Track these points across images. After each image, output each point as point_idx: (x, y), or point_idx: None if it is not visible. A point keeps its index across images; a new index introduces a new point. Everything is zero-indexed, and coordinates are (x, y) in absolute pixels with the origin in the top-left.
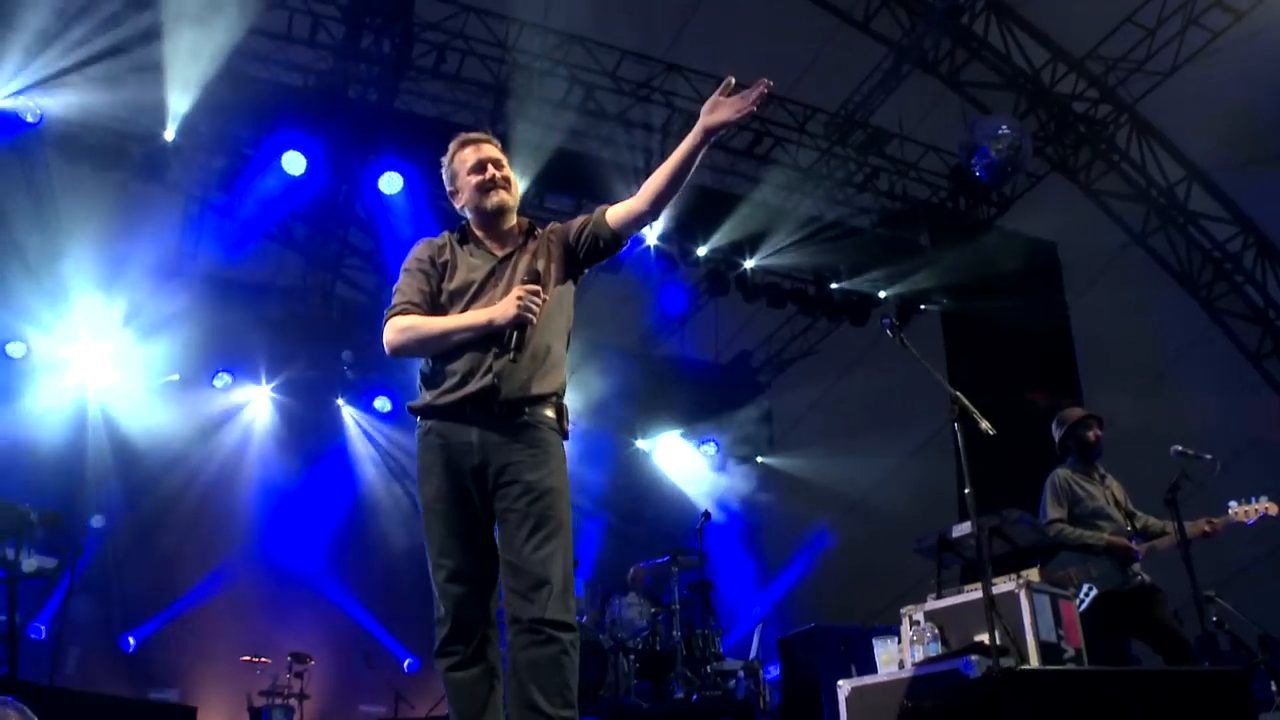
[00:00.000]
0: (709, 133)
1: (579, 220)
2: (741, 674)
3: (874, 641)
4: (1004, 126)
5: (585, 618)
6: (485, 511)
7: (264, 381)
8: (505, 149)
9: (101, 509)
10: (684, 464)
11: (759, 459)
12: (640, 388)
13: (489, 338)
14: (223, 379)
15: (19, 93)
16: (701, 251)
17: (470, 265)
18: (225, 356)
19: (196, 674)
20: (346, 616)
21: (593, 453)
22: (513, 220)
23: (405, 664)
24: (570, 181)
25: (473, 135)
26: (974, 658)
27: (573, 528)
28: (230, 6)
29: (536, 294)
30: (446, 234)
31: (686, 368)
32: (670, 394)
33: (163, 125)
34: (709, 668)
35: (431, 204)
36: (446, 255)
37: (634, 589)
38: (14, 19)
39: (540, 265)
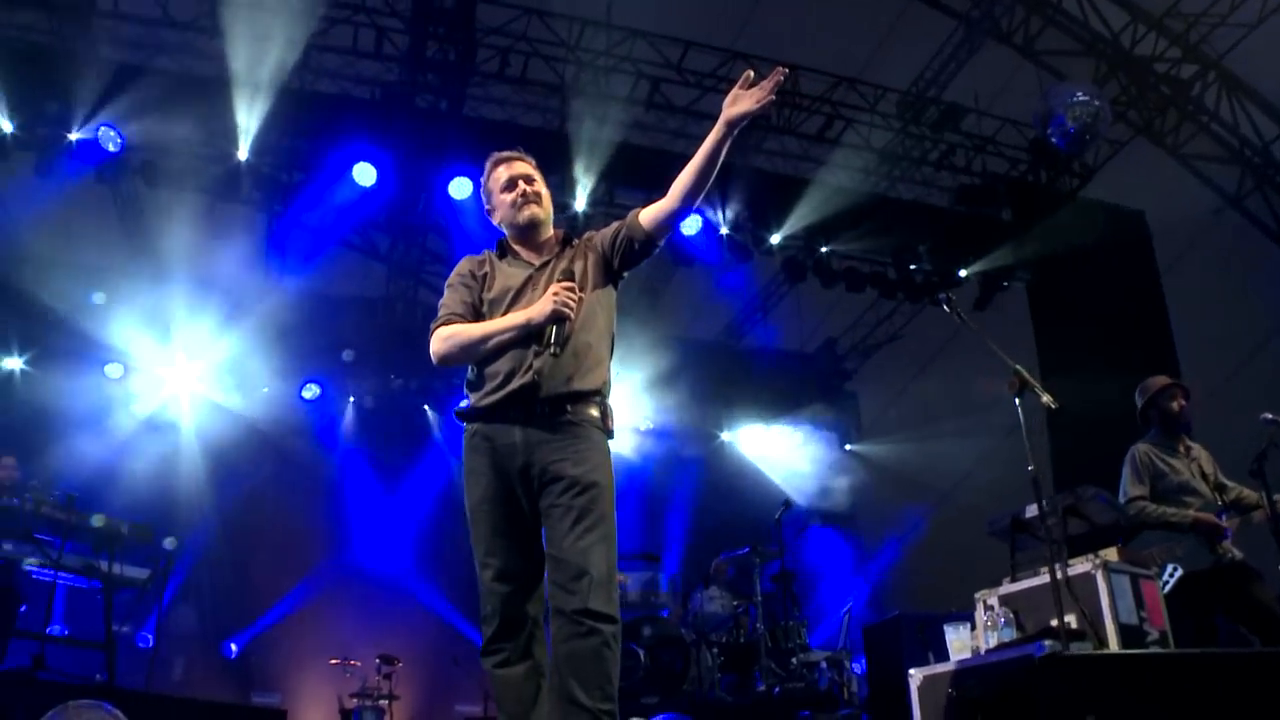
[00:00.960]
0: (731, 125)
1: (614, 225)
2: (824, 665)
3: (945, 628)
4: (1079, 93)
5: (670, 613)
6: (531, 512)
7: (351, 391)
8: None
9: (195, 521)
10: (770, 455)
11: (847, 447)
12: (724, 380)
13: (529, 339)
14: (311, 390)
15: (100, 124)
16: (775, 239)
17: (508, 274)
18: (313, 368)
19: (296, 678)
20: (438, 618)
21: (678, 448)
22: (548, 232)
23: None
24: (640, 176)
25: (505, 154)
26: (1047, 642)
27: (659, 521)
28: (291, 26)
29: (572, 290)
30: (487, 251)
31: (770, 358)
32: (755, 385)
33: (235, 145)
34: (794, 660)
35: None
36: (486, 268)
37: (716, 582)
38: (92, 51)
39: (577, 268)
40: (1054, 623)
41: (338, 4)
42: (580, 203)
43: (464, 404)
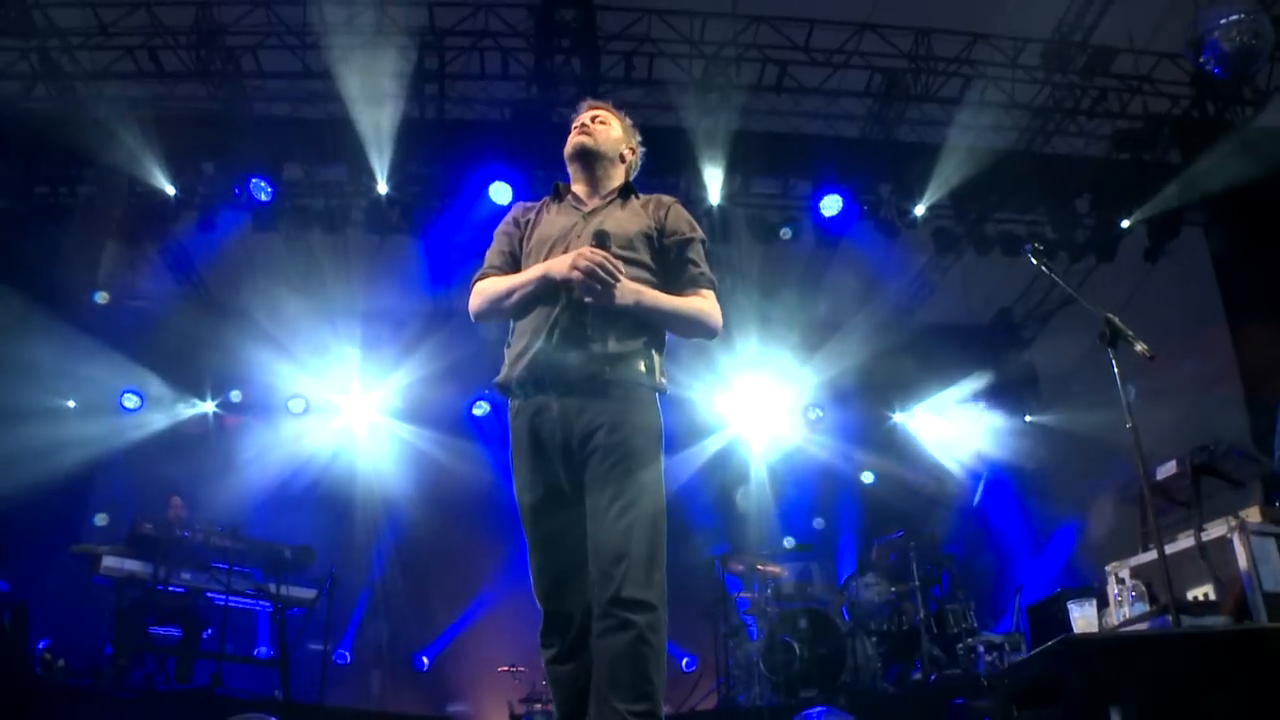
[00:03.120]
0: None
1: (684, 234)
2: (981, 649)
3: (1069, 606)
4: (1234, 11)
5: (830, 603)
6: (575, 495)
7: None
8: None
9: (375, 541)
10: (947, 433)
11: (1027, 418)
12: (894, 361)
13: (556, 294)
14: (481, 406)
15: (251, 176)
16: (919, 211)
17: (552, 222)
18: (481, 385)
19: (484, 687)
20: None
21: (850, 431)
22: (608, 176)
23: (684, 663)
24: (774, 163)
25: (591, 101)
26: (1173, 616)
27: (827, 511)
28: (417, 60)
29: (604, 262)
30: (546, 196)
31: (942, 334)
32: (926, 363)
33: (375, 179)
34: (961, 645)
35: None
36: (531, 215)
37: (875, 569)
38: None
39: (629, 226)
40: (1198, 593)
41: (461, 33)
42: (715, 196)
43: (500, 374)
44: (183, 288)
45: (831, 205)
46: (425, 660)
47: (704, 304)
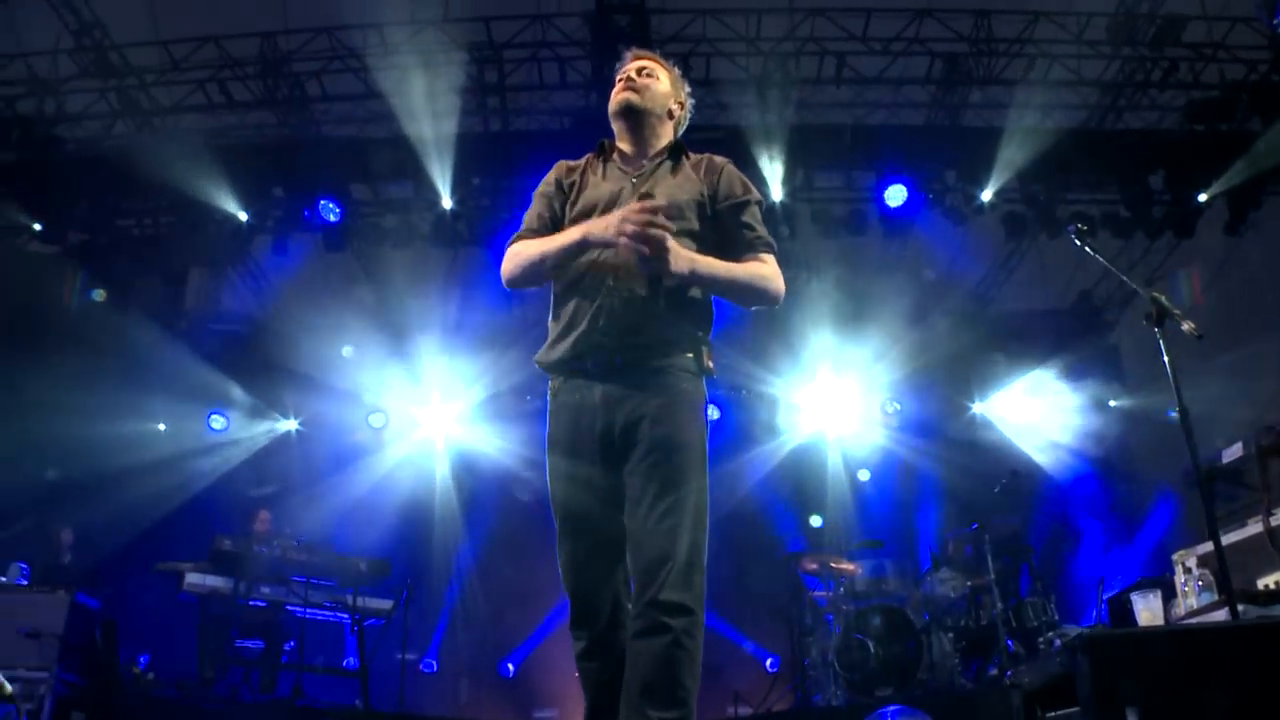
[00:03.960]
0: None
1: (738, 197)
2: (1059, 642)
3: (1133, 599)
4: None
5: (907, 600)
6: (612, 485)
7: None
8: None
9: (454, 552)
10: (1028, 420)
11: (1112, 403)
12: (973, 350)
13: (600, 276)
14: None
15: (320, 198)
16: (986, 196)
17: (598, 186)
18: None
19: (570, 693)
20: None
21: (928, 423)
22: (659, 134)
23: (767, 663)
24: (836, 155)
25: (637, 50)
26: (1243, 608)
27: (906, 506)
28: (457, 75)
29: (654, 215)
30: (589, 154)
31: (1021, 320)
32: (1006, 349)
33: (440, 194)
34: (1042, 639)
35: None
36: (575, 176)
37: (949, 563)
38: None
39: (680, 195)
40: (1268, 582)
41: (519, 45)
42: (778, 193)
43: (541, 352)
44: (263, 308)
45: (896, 195)
46: (511, 667)
47: (764, 269)
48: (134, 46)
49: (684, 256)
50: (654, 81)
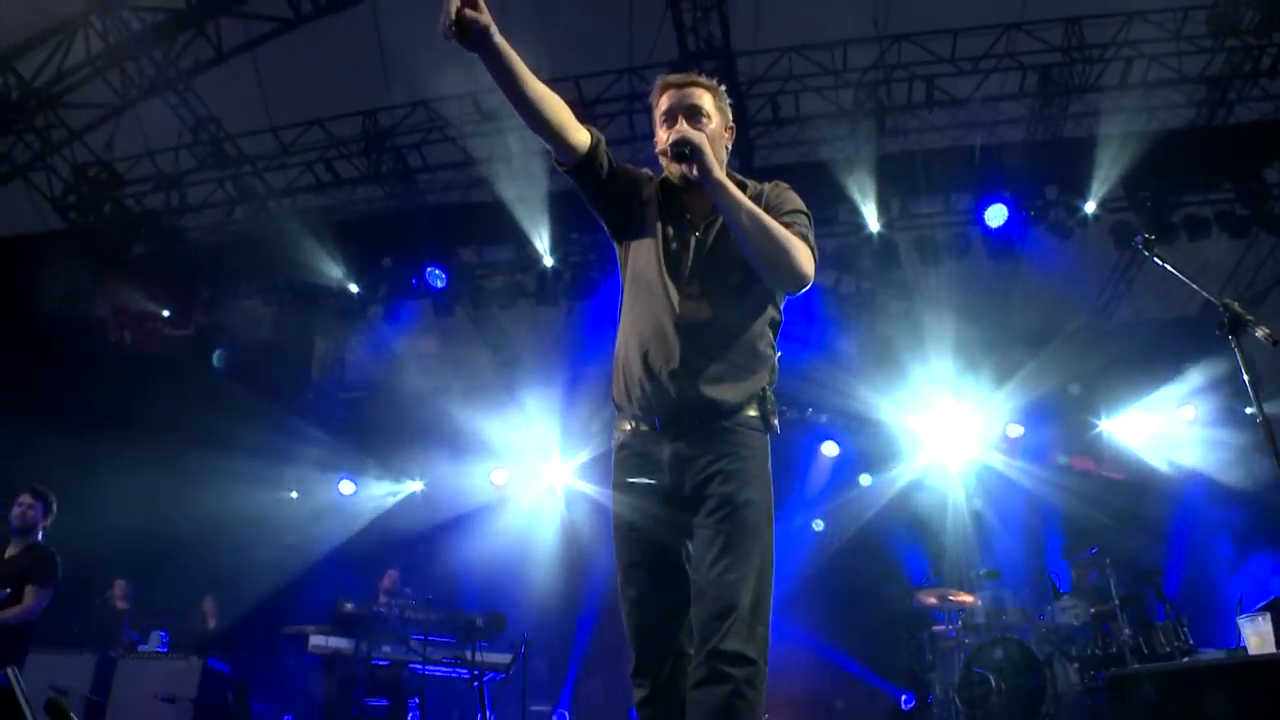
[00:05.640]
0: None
1: (784, 204)
2: None
3: (1240, 623)
4: None
5: (1030, 632)
6: (678, 538)
7: None
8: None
9: (580, 603)
10: (1157, 437)
11: (1248, 410)
12: (1095, 366)
13: (666, 313)
14: None
15: (426, 265)
16: (1090, 208)
17: (662, 235)
18: None
19: None
20: (826, 663)
21: (1050, 446)
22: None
23: (902, 700)
24: (936, 180)
25: (673, 77)
26: None
27: (1033, 532)
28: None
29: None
30: (657, 179)
31: (1145, 331)
32: (1130, 364)
33: (539, 253)
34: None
35: None
36: (647, 205)
37: (1073, 590)
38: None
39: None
40: None
41: (609, 100)
42: (874, 224)
43: (614, 391)
44: (384, 373)
45: (997, 215)
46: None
47: (794, 238)
48: (246, 135)
49: (720, 169)
50: (707, 123)
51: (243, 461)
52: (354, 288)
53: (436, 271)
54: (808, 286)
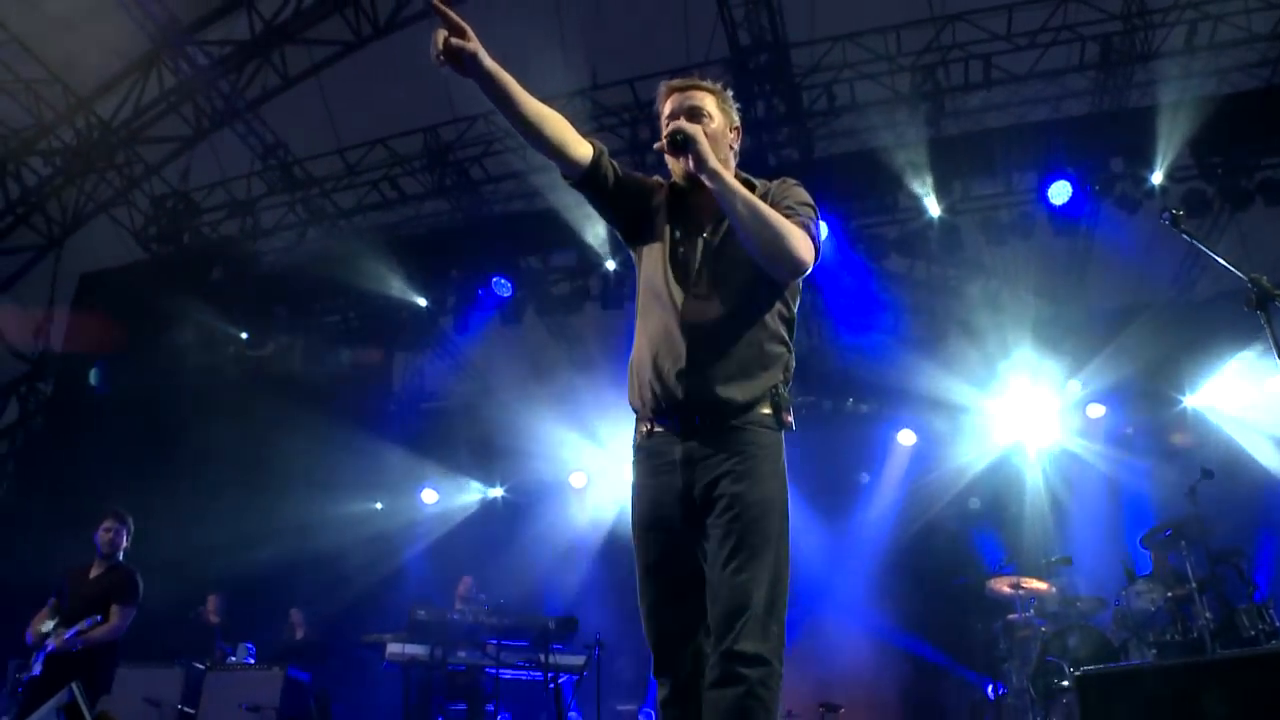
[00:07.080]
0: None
1: (789, 197)
2: None
3: None
4: None
5: (1106, 619)
6: (692, 540)
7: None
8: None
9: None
10: (1247, 407)
11: None
12: (1178, 341)
13: (671, 311)
14: None
15: (493, 276)
16: (1157, 179)
17: (669, 241)
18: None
19: None
20: (906, 654)
21: (1131, 428)
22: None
23: (989, 689)
24: (996, 160)
25: (676, 82)
26: None
27: (1113, 520)
28: (609, 137)
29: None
30: (666, 185)
31: (1230, 303)
32: (1216, 338)
33: (601, 258)
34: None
35: (853, 244)
36: (654, 212)
37: (1150, 574)
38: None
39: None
40: None
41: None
42: (935, 208)
43: (630, 392)
44: (462, 382)
45: (1061, 192)
46: None
47: (791, 224)
48: (312, 159)
49: (715, 158)
50: (708, 122)
51: (331, 475)
52: (422, 300)
53: (502, 281)
54: (806, 272)
